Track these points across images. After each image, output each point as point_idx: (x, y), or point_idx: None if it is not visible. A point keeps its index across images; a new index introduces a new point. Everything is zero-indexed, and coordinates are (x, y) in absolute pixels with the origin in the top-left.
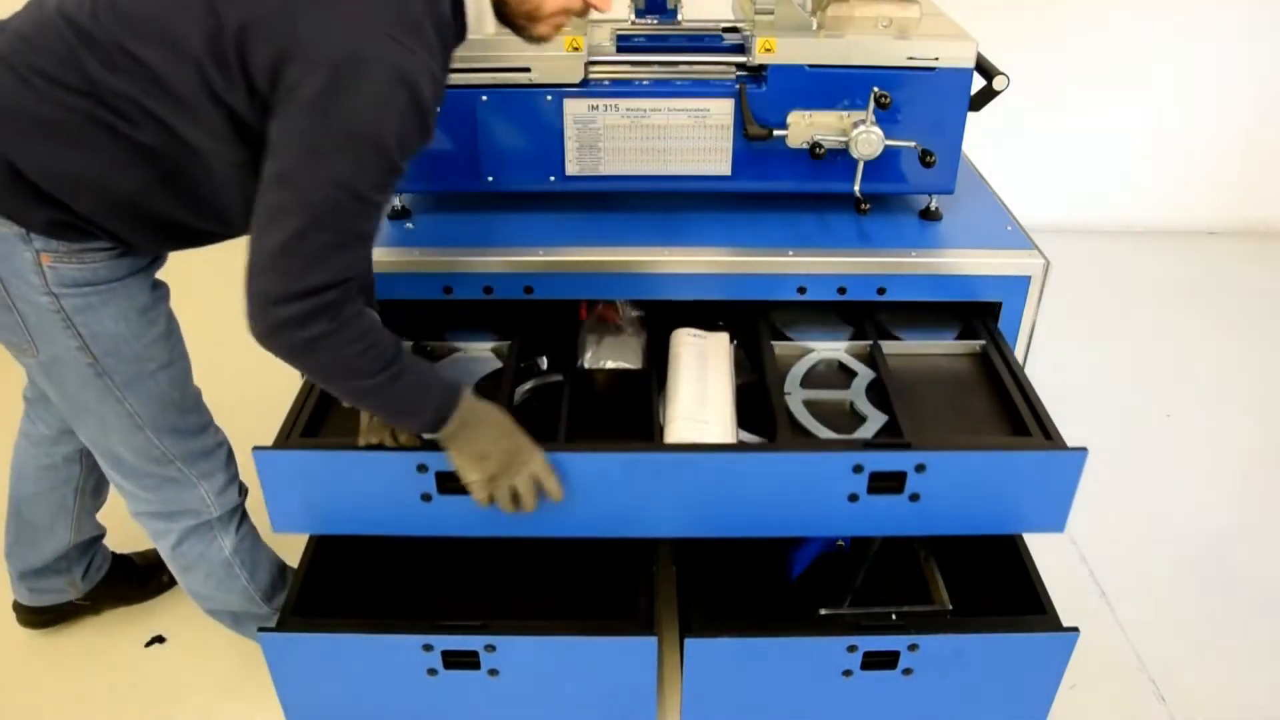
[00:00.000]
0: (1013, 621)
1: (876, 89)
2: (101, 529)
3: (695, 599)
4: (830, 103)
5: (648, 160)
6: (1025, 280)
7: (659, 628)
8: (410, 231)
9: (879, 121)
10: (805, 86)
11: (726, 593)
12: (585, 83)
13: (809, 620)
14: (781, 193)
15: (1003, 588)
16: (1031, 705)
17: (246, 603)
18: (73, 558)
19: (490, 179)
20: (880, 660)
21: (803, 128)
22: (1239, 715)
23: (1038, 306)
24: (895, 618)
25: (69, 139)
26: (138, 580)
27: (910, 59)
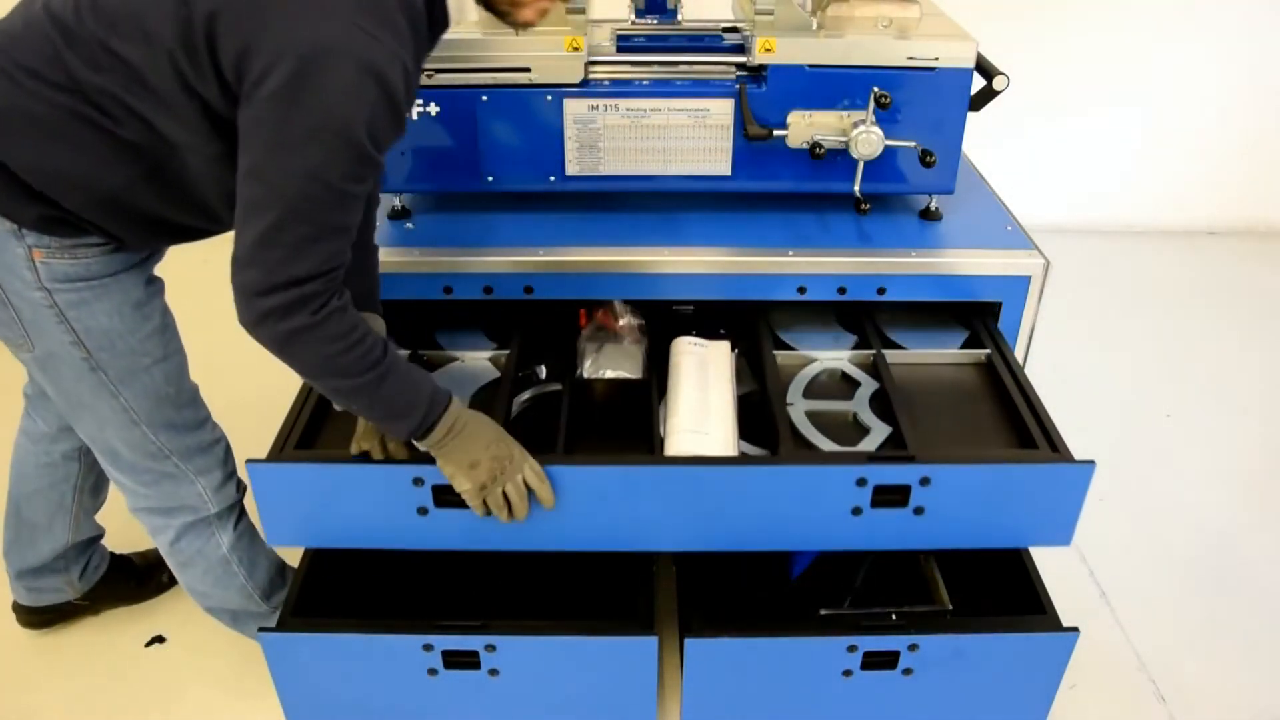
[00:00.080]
0: (1013, 621)
1: (876, 89)
2: (100, 530)
3: (695, 599)
4: (830, 103)
5: (648, 160)
6: (1025, 280)
7: (659, 628)
8: (410, 231)
9: (879, 121)
10: (805, 86)
11: (726, 593)
12: (585, 83)
13: (809, 620)
14: (781, 193)
15: (1003, 588)
16: (1031, 705)
17: (245, 600)
18: (70, 557)
19: (490, 179)
20: (880, 660)
21: (803, 128)
22: (1239, 715)
23: (1038, 306)
24: (895, 618)
25: (56, 136)
26: (136, 580)
27: (910, 59)
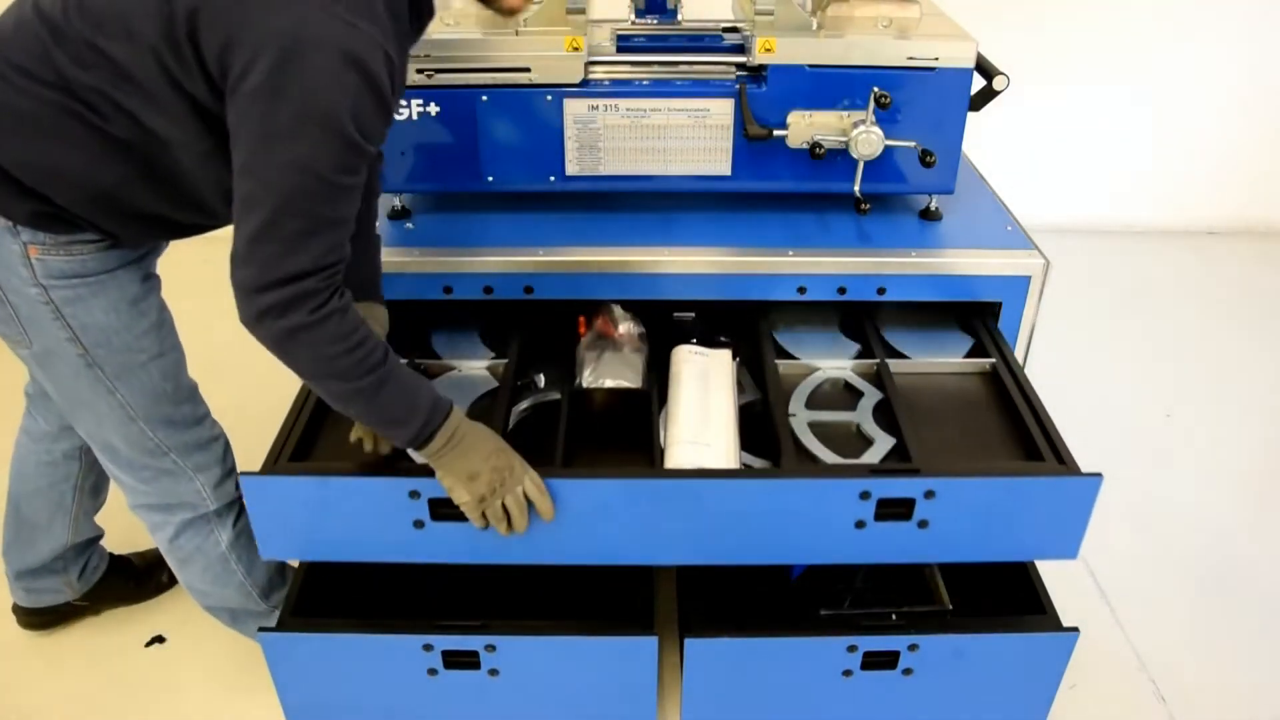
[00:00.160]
0: (1013, 621)
1: (876, 89)
2: (99, 530)
3: (695, 599)
4: (830, 103)
5: (648, 160)
6: (1025, 280)
7: (659, 628)
8: (410, 231)
9: (879, 121)
10: (805, 86)
11: (726, 593)
12: (585, 83)
13: (809, 620)
14: (781, 193)
15: (1003, 588)
16: (1031, 705)
17: (244, 599)
18: (69, 558)
19: (490, 179)
20: (880, 660)
21: (803, 128)
22: (1239, 715)
23: (1038, 306)
24: (895, 618)
25: (47, 133)
26: (135, 580)
27: (910, 59)
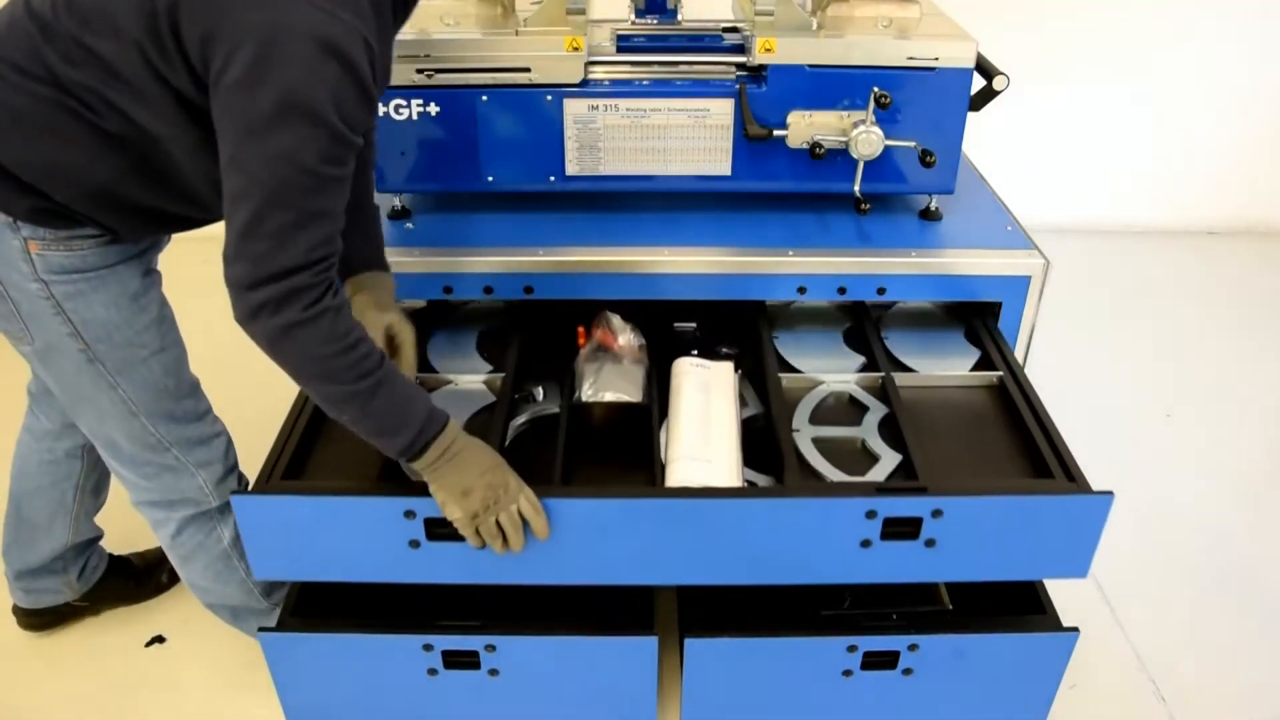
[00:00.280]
0: (1013, 621)
1: (876, 89)
2: (99, 531)
3: (695, 599)
4: (830, 103)
5: (648, 160)
6: (1025, 280)
7: (659, 628)
8: (410, 231)
9: (879, 121)
10: (805, 86)
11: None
12: (585, 83)
13: (809, 620)
14: (781, 193)
15: (1003, 588)
16: (1031, 705)
17: (245, 596)
18: (69, 558)
19: (490, 179)
20: (880, 660)
21: (803, 128)
22: (1239, 715)
23: (1038, 306)
24: (895, 618)
25: (42, 130)
26: (135, 581)
27: (910, 59)
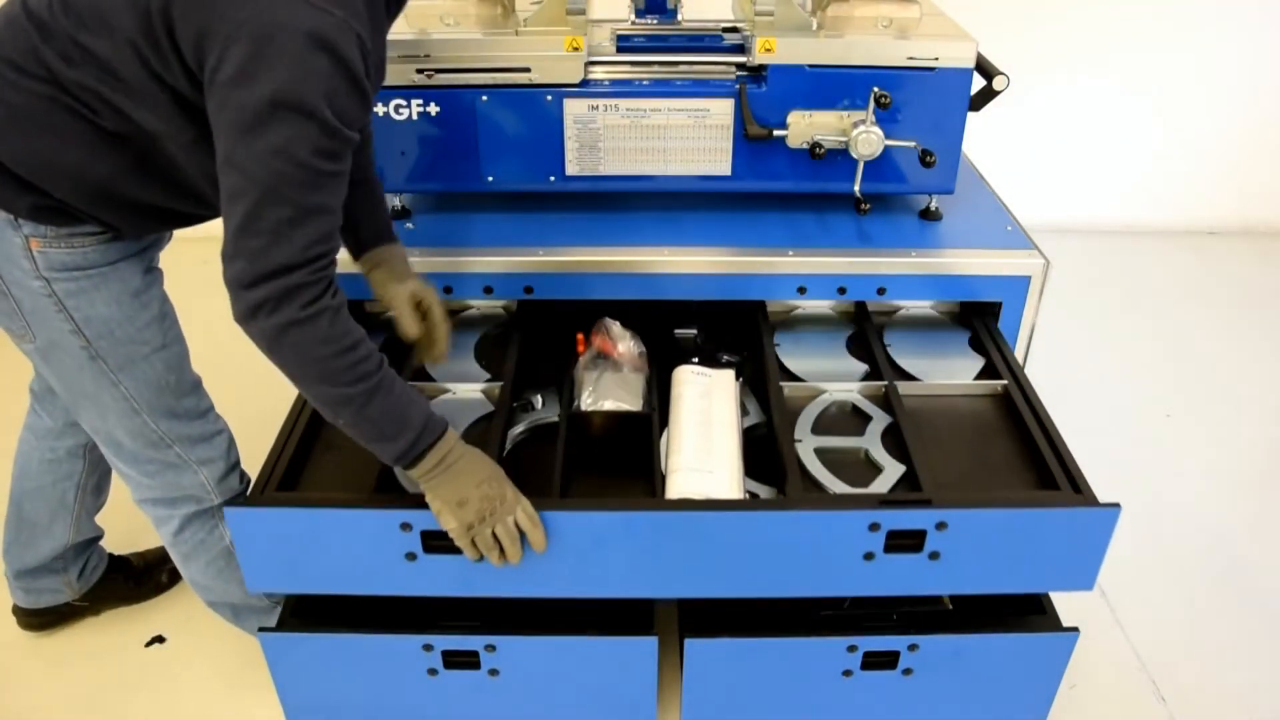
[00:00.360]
0: (1013, 621)
1: (876, 89)
2: (99, 531)
3: (695, 599)
4: (830, 103)
5: (648, 160)
6: (1025, 280)
7: (659, 628)
8: (410, 231)
9: (879, 121)
10: (805, 86)
11: None
12: (585, 83)
13: (809, 620)
14: (781, 193)
15: None
16: (1031, 705)
17: (246, 595)
18: (69, 558)
19: (490, 179)
20: (880, 660)
21: (803, 128)
22: (1239, 715)
23: (1038, 306)
24: (895, 618)
25: (42, 128)
26: (135, 580)
27: (910, 59)
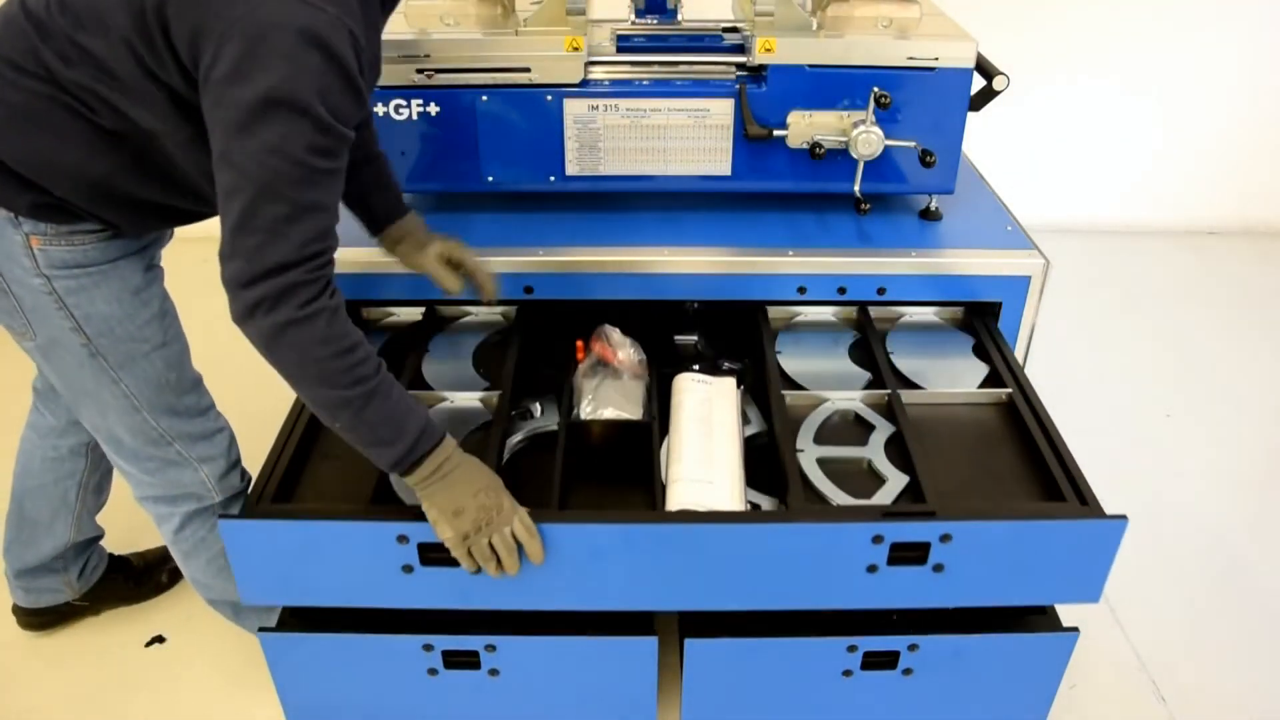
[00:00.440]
0: (1012, 622)
1: (876, 89)
2: (100, 531)
3: None
4: (830, 103)
5: (648, 160)
6: (1025, 280)
7: (659, 628)
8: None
9: (879, 121)
10: (805, 86)
11: None
12: (585, 83)
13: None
14: (781, 193)
15: None
16: (1031, 705)
17: None
18: (69, 557)
19: (490, 179)
20: (880, 660)
21: (803, 128)
22: (1239, 715)
23: (1038, 306)
24: (895, 617)
25: (41, 126)
26: (135, 580)
27: (910, 59)
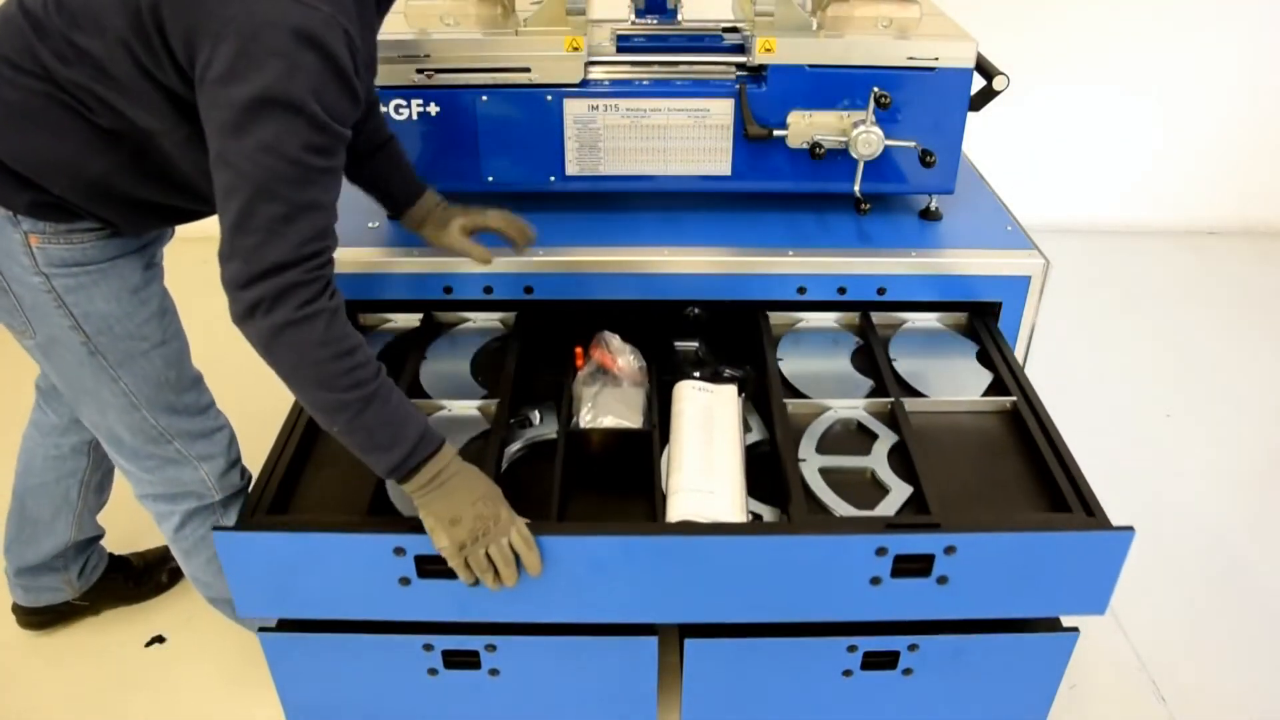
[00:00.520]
0: (1013, 622)
1: (876, 89)
2: (100, 530)
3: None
4: (830, 103)
5: (648, 160)
6: (1025, 280)
7: (659, 627)
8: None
9: (879, 121)
10: (805, 86)
11: None
12: (585, 83)
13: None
14: (781, 193)
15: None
16: (1031, 705)
17: None
18: (70, 556)
19: (490, 179)
20: (880, 660)
21: (803, 128)
22: (1239, 715)
23: (1038, 306)
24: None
25: (38, 124)
26: (135, 580)
27: (910, 59)
